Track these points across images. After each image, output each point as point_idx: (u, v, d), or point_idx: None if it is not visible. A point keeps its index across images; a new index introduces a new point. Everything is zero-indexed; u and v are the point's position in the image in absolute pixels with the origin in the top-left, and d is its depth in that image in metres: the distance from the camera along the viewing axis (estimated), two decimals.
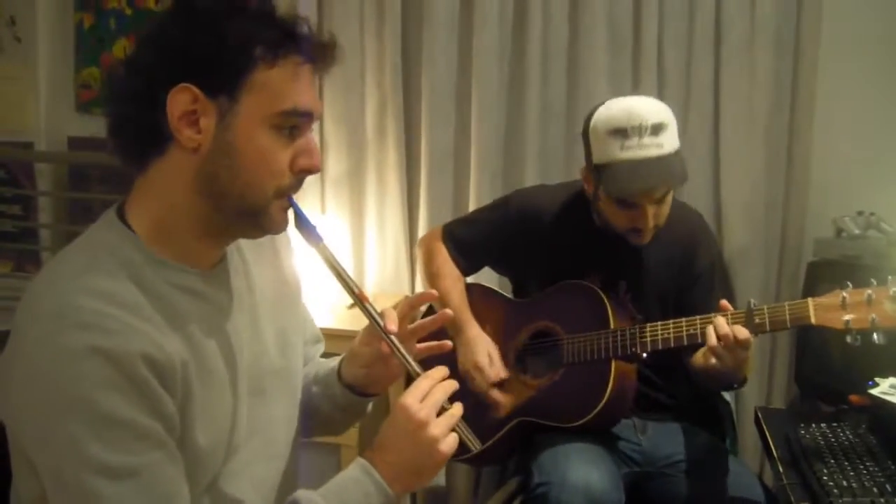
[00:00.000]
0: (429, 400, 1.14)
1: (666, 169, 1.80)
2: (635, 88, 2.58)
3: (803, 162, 2.55)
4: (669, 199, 1.88)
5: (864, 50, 2.49)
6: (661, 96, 2.54)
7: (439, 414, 1.15)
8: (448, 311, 1.35)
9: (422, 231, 2.77)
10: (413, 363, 1.22)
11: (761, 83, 2.52)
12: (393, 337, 1.21)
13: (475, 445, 1.18)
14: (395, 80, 2.74)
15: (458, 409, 1.16)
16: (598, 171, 1.86)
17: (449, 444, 1.14)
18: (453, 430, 1.15)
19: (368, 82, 2.77)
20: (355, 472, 1.14)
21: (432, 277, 2.13)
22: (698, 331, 1.76)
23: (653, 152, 1.79)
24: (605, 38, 2.59)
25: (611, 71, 2.60)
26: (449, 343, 1.36)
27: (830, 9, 2.47)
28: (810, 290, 2.34)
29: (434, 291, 1.50)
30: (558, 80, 2.64)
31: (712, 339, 1.68)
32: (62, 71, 3.10)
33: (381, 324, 1.22)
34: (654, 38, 2.56)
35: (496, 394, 1.99)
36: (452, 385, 1.17)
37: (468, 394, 1.97)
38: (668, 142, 1.81)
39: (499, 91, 2.68)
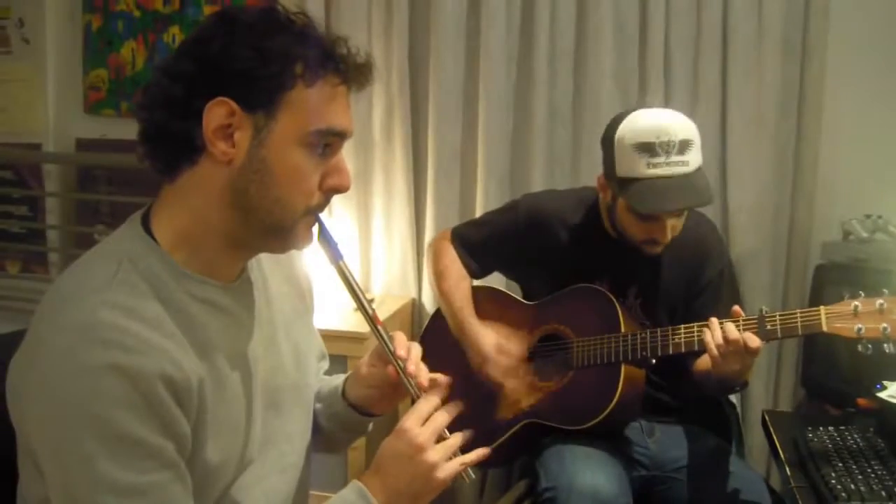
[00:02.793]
0: (429, 425, 1.15)
1: (692, 188, 1.80)
2: (642, 91, 2.58)
3: (811, 165, 2.54)
4: (686, 211, 1.89)
5: (871, 53, 2.48)
6: (667, 99, 2.55)
7: (440, 439, 1.15)
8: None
9: (429, 233, 2.77)
10: (419, 390, 1.22)
11: (768, 86, 2.51)
12: (401, 362, 1.22)
13: (469, 477, 1.18)
14: (403, 83, 2.75)
15: (457, 437, 1.17)
16: (621, 184, 1.85)
17: (446, 470, 1.14)
18: (452, 457, 1.15)
19: (376, 85, 2.75)
20: (351, 495, 1.14)
21: (437, 277, 2.13)
22: None
23: (679, 170, 1.78)
24: (611, 41, 2.59)
25: (617, 73, 2.60)
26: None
27: (837, 11, 2.46)
28: (818, 293, 2.34)
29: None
30: (565, 83, 2.64)
31: (718, 340, 1.67)
32: (70, 73, 3.11)
33: (392, 348, 1.23)
34: (660, 40, 2.56)
35: (510, 383, 1.98)
36: (454, 409, 1.18)
37: (476, 396, 1.97)
38: (694, 159, 1.81)
39: (506, 93, 2.68)
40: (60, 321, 0.99)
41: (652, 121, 1.82)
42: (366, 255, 2.90)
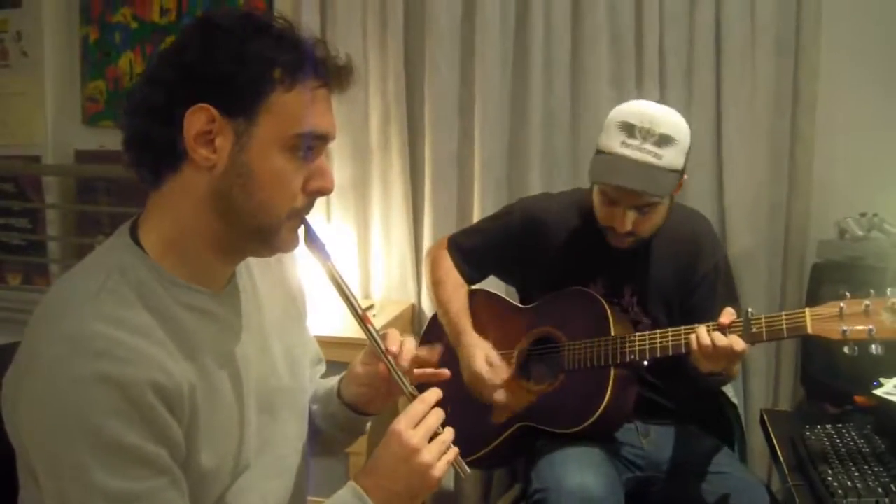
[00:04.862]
0: (422, 426, 1.16)
1: (648, 177, 1.80)
2: (638, 93, 2.58)
3: (806, 164, 2.55)
4: (656, 213, 1.89)
5: (864, 51, 2.49)
6: (663, 101, 2.51)
7: (433, 438, 1.16)
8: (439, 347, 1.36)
9: (427, 238, 2.79)
10: (409, 387, 1.23)
11: (763, 86, 2.52)
12: (392, 359, 1.23)
13: (464, 471, 1.20)
14: (399, 89, 2.76)
15: (449, 434, 1.18)
16: (595, 153, 1.90)
17: (441, 469, 1.15)
18: (445, 451, 1.16)
19: (372, 91, 2.78)
20: (347, 496, 1.15)
21: (435, 285, 2.14)
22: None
23: (647, 159, 1.79)
24: (606, 45, 2.60)
25: (613, 77, 2.61)
26: (447, 372, 1.36)
27: (830, 10, 2.47)
28: (814, 291, 2.35)
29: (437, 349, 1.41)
30: (561, 88, 2.65)
31: (704, 343, 1.68)
32: (69, 85, 3.13)
33: (382, 346, 1.24)
34: (655, 43, 2.57)
35: (501, 397, 1.98)
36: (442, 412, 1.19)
37: (471, 399, 1.98)
38: (669, 157, 1.81)
39: (502, 99, 2.69)
40: (51, 333, 1.00)
41: (644, 108, 1.86)
42: (365, 262, 2.91)
